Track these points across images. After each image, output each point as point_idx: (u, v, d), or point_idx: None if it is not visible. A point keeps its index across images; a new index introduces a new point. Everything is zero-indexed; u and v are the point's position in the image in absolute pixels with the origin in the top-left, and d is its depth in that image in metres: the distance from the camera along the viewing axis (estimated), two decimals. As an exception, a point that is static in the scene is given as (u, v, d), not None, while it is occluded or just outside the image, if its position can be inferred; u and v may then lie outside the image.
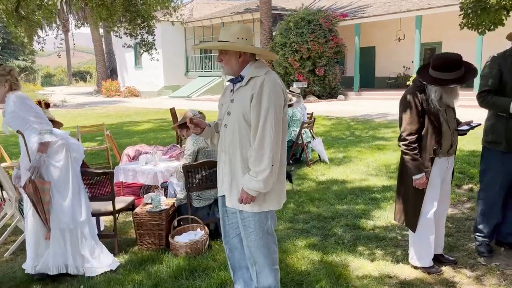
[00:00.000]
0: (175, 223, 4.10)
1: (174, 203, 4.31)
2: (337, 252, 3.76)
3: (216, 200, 4.29)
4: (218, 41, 2.54)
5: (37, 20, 9.69)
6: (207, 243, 3.96)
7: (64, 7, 21.13)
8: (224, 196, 2.69)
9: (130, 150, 6.89)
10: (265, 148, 2.42)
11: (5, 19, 9.24)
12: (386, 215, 4.62)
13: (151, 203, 4.18)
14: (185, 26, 27.11)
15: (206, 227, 4.07)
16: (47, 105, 4.51)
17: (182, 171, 4.01)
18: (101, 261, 3.57)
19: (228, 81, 2.66)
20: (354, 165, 7.06)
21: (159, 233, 3.99)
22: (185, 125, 4.27)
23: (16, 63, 39.68)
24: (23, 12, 8.87)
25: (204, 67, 27.50)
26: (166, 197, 4.82)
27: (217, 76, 25.68)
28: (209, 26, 26.41)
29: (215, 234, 4.25)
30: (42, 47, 11.45)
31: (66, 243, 3.46)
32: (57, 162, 3.44)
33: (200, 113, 4.38)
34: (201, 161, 4.09)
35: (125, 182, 5.91)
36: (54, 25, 12.31)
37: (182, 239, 3.88)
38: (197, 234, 3.98)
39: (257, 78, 2.50)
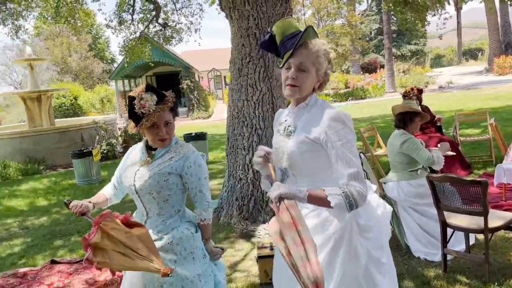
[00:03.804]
0: None
1: None
2: None
3: None
4: None
5: (422, 3, 9.50)
6: None
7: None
8: None
9: (520, 144, 5.70)
10: None
11: (392, 7, 9.56)
12: None
13: (541, 226, 3.08)
14: None
15: None
16: (420, 91, 4.18)
17: None
18: None
19: None
20: None
21: (552, 272, 2.88)
22: None
23: (408, 47, 41.50)
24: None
25: None
26: None
27: None
28: None
29: None
30: (424, 30, 11.31)
31: None
32: None
33: None
34: None
35: (508, 185, 4.87)
36: (438, 5, 11.87)
37: None
38: None
39: None
